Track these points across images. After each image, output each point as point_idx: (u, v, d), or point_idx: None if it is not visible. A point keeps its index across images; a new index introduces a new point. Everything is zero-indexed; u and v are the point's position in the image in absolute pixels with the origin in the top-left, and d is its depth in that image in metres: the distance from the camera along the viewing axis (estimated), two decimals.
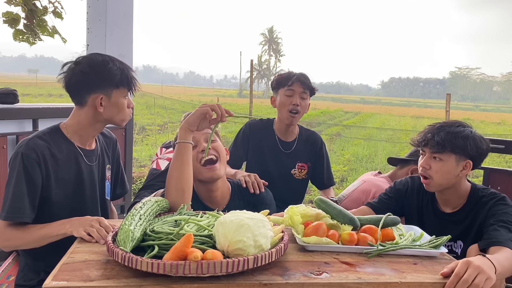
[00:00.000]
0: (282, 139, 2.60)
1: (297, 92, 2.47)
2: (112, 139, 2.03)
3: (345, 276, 1.24)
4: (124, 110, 1.79)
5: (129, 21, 3.60)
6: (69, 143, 1.77)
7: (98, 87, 1.72)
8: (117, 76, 1.72)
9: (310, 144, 2.65)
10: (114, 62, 1.75)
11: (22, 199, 1.61)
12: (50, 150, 1.69)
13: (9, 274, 2.39)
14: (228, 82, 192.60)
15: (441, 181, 1.79)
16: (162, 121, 14.39)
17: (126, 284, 1.12)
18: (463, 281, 1.22)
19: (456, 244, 1.86)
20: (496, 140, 2.87)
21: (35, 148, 1.65)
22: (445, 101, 8.23)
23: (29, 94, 24.83)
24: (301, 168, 2.59)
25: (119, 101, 1.75)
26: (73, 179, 1.75)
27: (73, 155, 1.77)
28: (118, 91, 1.74)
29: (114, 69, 1.73)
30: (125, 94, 1.78)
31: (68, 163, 1.74)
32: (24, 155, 1.62)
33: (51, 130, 1.77)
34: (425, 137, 1.82)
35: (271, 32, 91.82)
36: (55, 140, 1.73)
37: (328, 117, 24.95)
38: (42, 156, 1.65)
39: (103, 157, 1.92)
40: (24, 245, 1.64)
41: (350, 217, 1.58)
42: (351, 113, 31.27)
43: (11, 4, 3.16)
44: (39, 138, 1.69)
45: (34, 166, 1.63)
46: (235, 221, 1.26)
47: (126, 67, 1.79)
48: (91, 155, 1.83)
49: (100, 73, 1.71)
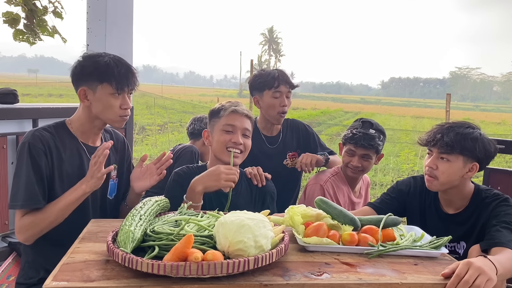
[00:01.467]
0: (268, 135, 2.66)
1: (284, 93, 2.52)
2: (120, 139, 2.02)
3: (346, 276, 1.24)
4: (111, 108, 1.76)
5: (129, 21, 3.59)
6: (73, 138, 1.80)
7: (83, 80, 1.75)
8: (101, 71, 1.72)
9: (295, 132, 2.71)
10: (105, 57, 1.75)
11: (33, 186, 1.65)
12: (55, 142, 1.73)
13: (9, 274, 2.39)
14: (228, 82, 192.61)
15: (446, 181, 1.79)
16: (162, 121, 14.39)
17: (127, 284, 1.12)
18: (464, 282, 1.22)
19: (459, 245, 1.86)
20: (496, 140, 2.87)
21: (41, 138, 1.69)
22: (445, 101, 8.22)
23: (29, 94, 24.82)
24: (292, 157, 2.62)
25: (103, 97, 1.74)
26: (75, 174, 1.76)
27: (76, 150, 1.79)
28: (102, 86, 1.73)
29: (100, 64, 1.73)
30: (110, 91, 1.74)
31: (72, 157, 1.77)
32: (31, 145, 1.66)
33: (56, 124, 1.80)
34: (434, 137, 1.80)
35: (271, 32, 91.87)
36: (60, 134, 1.77)
37: (328, 117, 24.96)
38: (47, 146, 1.70)
39: (109, 155, 1.91)
40: (47, 226, 1.67)
41: (350, 217, 1.58)
42: (351, 113, 31.27)
43: (11, 4, 3.15)
44: (44, 130, 1.73)
45: (40, 155, 1.67)
46: (235, 221, 1.25)
47: (120, 65, 1.76)
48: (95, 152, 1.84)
49: (87, 66, 1.75)
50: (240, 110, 1.93)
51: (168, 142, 10.39)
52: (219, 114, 1.95)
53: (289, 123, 2.75)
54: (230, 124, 1.91)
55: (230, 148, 1.89)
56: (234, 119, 1.91)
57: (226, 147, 1.90)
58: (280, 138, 2.66)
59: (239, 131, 1.91)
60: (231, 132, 1.91)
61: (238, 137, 1.90)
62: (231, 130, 1.90)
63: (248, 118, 1.95)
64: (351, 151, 2.36)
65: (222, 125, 1.92)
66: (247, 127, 1.94)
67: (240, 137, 1.91)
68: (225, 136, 1.90)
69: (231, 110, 1.92)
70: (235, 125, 1.90)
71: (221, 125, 1.92)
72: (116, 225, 1.47)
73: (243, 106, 1.99)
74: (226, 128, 1.91)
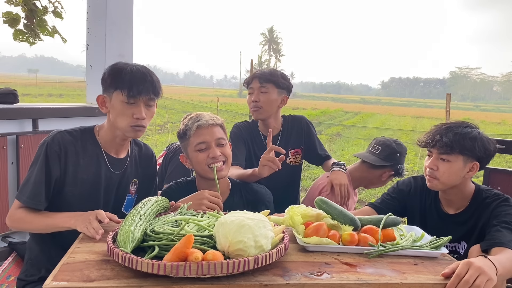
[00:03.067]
0: (266, 135, 2.63)
1: (255, 88, 2.49)
2: (148, 154, 1.99)
3: (346, 276, 1.24)
4: (122, 117, 1.70)
5: (129, 21, 3.60)
6: (96, 146, 1.79)
7: (103, 87, 1.76)
8: (114, 77, 1.71)
9: (297, 128, 2.65)
10: (126, 65, 1.72)
11: (41, 187, 1.66)
12: (75, 147, 1.73)
13: (9, 274, 2.39)
14: (228, 82, 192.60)
15: (447, 182, 1.78)
16: (162, 121, 14.39)
17: (127, 284, 1.12)
18: (464, 282, 1.22)
19: (460, 245, 1.86)
20: (496, 140, 2.87)
21: (60, 141, 1.70)
22: (445, 101, 8.20)
23: (29, 94, 24.84)
24: (295, 154, 2.61)
25: (116, 105, 1.71)
26: (90, 181, 1.75)
27: (96, 157, 1.77)
28: (116, 93, 1.71)
29: (115, 70, 1.72)
30: (122, 98, 1.69)
31: (89, 164, 1.75)
32: (49, 146, 1.68)
33: (84, 129, 1.81)
34: (433, 138, 1.80)
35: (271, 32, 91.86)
36: (84, 139, 1.77)
37: (328, 117, 24.96)
38: (64, 150, 1.70)
39: (131, 169, 1.89)
40: (31, 229, 1.70)
41: (351, 217, 1.57)
42: (351, 113, 31.28)
43: (11, 4, 3.15)
44: (69, 133, 1.74)
45: (54, 158, 1.68)
46: (235, 221, 1.25)
47: (136, 72, 1.70)
48: (117, 163, 1.82)
49: (106, 73, 1.75)
50: (205, 123, 1.86)
51: (168, 142, 10.38)
52: (186, 135, 1.88)
53: (292, 119, 2.71)
54: (200, 142, 1.85)
55: (211, 164, 1.84)
56: (202, 134, 1.85)
57: (206, 165, 1.85)
58: (280, 137, 2.63)
59: (213, 144, 1.85)
60: (205, 148, 1.85)
61: (214, 151, 1.84)
62: (204, 147, 1.85)
63: (215, 125, 1.88)
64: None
65: (194, 145, 1.86)
66: (218, 135, 1.88)
67: (216, 149, 1.85)
68: (201, 154, 1.85)
69: (195, 127, 1.85)
70: (205, 140, 1.85)
71: (193, 146, 1.86)
72: (116, 225, 1.47)
73: (206, 115, 1.90)
74: (198, 147, 1.85)
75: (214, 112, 2.91)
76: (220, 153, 1.85)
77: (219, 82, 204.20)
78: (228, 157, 1.90)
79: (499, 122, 28.24)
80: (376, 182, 2.66)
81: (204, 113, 1.94)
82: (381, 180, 2.64)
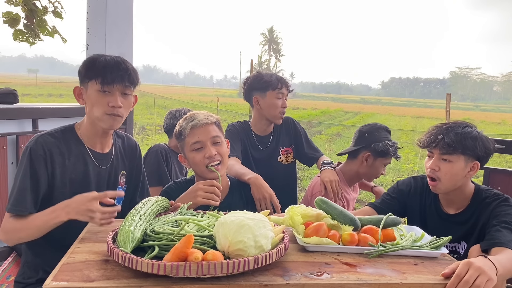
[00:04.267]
0: (260, 135, 2.72)
1: (285, 95, 2.66)
2: (132, 145, 1.97)
3: (346, 276, 1.24)
4: (97, 105, 1.69)
5: (129, 21, 3.59)
6: (80, 143, 1.77)
7: (80, 79, 1.75)
8: (88, 67, 1.69)
9: (285, 128, 2.78)
10: (100, 56, 1.72)
11: (25, 193, 1.62)
12: (59, 148, 1.70)
13: (9, 274, 2.39)
14: (228, 82, 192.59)
15: (450, 183, 1.78)
16: (162, 121, 14.38)
17: (127, 284, 1.12)
18: (464, 282, 1.22)
19: (460, 245, 1.86)
20: (496, 140, 2.87)
21: (43, 145, 1.66)
22: (445, 101, 8.21)
23: (29, 94, 24.84)
24: (286, 153, 2.70)
25: (92, 94, 1.70)
26: (79, 180, 1.74)
27: (82, 156, 1.76)
28: (90, 83, 1.70)
29: (90, 60, 1.71)
30: (96, 87, 1.68)
31: (76, 163, 1.74)
32: (32, 150, 1.65)
33: (65, 128, 1.78)
34: (434, 139, 1.79)
35: (271, 32, 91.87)
36: (66, 139, 1.74)
37: (328, 117, 24.96)
38: (49, 153, 1.67)
39: (118, 161, 1.88)
40: (25, 237, 1.61)
41: (351, 217, 1.57)
42: (351, 113, 31.28)
43: (11, 4, 3.15)
44: (50, 135, 1.71)
45: (40, 162, 1.65)
46: (235, 221, 1.25)
47: (110, 61, 1.69)
48: (102, 158, 1.82)
49: (81, 65, 1.74)
50: (199, 122, 1.85)
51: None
52: (181, 136, 1.89)
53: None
54: (195, 141, 1.84)
55: (209, 164, 1.83)
56: (197, 134, 1.84)
57: (204, 166, 1.84)
58: (272, 136, 2.73)
59: (208, 143, 1.84)
60: (201, 148, 1.84)
61: (210, 150, 1.83)
62: (200, 147, 1.84)
63: (210, 124, 1.87)
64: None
65: (189, 145, 1.85)
66: (214, 133, 1.87)
67: (212, 148, 1.84)
68: (198, 154, 1.84)
69: (190, 127, 1.85)
70: (200, 140, 1.84)
71: (188, 146, 1.86)
72: (116, 225, 1.47)
73: (200, 114, 1.90)
74: (194, 147, 1.85)
75: (214, 112, 2.94)
76: (216, 152, 1.84)
77: (219, 82, 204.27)
78: (224, 156, 1.89)
79: (499, 122, 28.25)
80: (367, 171, 2.53)
81: (199, 112, 1.94)
82: (367, 166, 2.50)
